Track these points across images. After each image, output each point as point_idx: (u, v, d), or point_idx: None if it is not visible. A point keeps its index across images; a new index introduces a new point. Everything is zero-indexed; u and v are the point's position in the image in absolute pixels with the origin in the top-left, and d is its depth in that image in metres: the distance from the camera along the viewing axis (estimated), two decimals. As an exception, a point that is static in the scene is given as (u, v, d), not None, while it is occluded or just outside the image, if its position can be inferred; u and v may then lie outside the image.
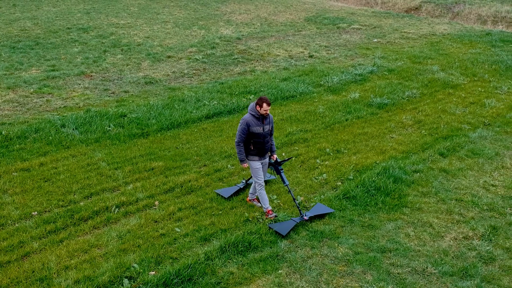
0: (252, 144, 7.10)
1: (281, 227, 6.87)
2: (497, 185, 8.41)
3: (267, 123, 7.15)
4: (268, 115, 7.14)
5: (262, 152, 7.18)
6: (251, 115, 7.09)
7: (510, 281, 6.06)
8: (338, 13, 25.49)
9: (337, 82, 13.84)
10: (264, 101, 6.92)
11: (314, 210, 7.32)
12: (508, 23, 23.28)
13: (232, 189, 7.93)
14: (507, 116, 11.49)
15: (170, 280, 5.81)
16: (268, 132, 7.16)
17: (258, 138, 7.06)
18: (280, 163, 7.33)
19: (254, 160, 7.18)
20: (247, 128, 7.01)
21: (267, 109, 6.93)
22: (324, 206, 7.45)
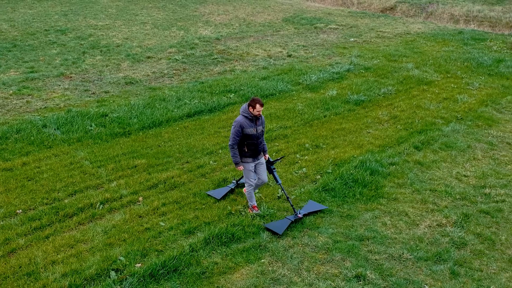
0: (246, 145, 7.05)
1: (276, 226, 6.94)
2: (469, 175, 8.78)
3: (259, 123, 7.10)
4: (261, 116, 7.10)
5: (256, 153, 7.16)
6: (243, 116, 6.99)
7: (480, 264, 6.39)
8: (315, 13, 25.87)
9: (315, 80, 14.14)
10: (257, 102, 6.87)
11: (307, 207, 7.40)
12: (479, 22, 23.96)
13: (223, 190, 7.91)
14: (479, 111, 11.92)
15: (156, 271, 5.98)
16: (261, 133, 7.14)
17: (251, 139, 7.01)
18: (272, 163, 7.35)
19: (248, 162, 7.15)
20: (240, 130, 6.93)
21: (260, 110, 6.89)
22: (316, 203, 7.53)
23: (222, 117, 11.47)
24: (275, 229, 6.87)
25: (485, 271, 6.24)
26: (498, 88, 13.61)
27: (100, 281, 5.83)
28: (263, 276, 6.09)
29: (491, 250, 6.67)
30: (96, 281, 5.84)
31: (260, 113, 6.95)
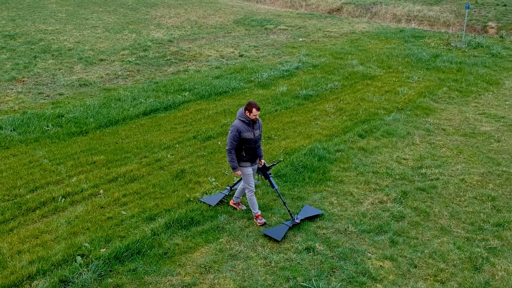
0: (244, 150, 6.94)
1: (275, 232, 6.90)
2: (407, 158, 9.59)
3: (256, 127, 7.02)
4: (257, 120, 7.01)
5: (254, 158, 7.06)
6: (240, 121, 6.89)
7: (416, 233, 7.12)
8: (265, 15, 26.60)
9: (266, 78, 14.76)
10: (253, 106, 6.76)
11: (303, 212, 7.37)
12: (419, 21, 25.37)
13: (217, 197, 7.79)
14: (417, 101, 12.87)
15: (121, 254, 6.36)
16: (258, 137, 7.04)
17: (249, 144, 6.92)
18: (268, 168, 7.24)
19: (246, 167, 7.04)
20: (238, 134, 6.83)
21: (257, 114, 6.80)
22: (312, 208, 7.53)
23: (177, 114, 11.87)
24: (274, 236, 6.81)
25: (420, 238, 6.98)
26: (435, 81, 14.67)
27: (67, 266, 6.15)
28: (221, 253, 6.58)
29: (425, 221, 7.43)
30: (63, 266, 6.16)
31: (256, 117, 6.85)
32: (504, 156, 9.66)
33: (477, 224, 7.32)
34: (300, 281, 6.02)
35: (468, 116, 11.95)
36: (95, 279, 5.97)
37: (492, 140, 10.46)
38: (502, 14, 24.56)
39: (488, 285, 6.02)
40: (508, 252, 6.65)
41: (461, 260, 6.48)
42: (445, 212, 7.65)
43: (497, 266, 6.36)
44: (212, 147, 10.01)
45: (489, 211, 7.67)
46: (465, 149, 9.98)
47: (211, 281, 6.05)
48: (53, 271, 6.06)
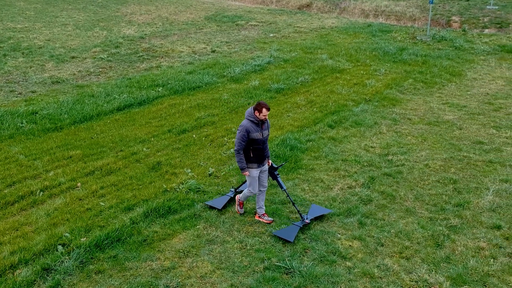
0: (252, 151, 6.86)
1: (286, 233, 6.86)
2: (375, 146, 10.03)
3: (265, 128, 6.94)
4: (266, 120, 6.92)
5: (262, 159, 6.99)
6: (249, 121, 6.79)
7: (383, 214, 7.54)
8: (236, 11, 26.84)
9: (239, 72, 15.04)
10: (263, 106, 6.68)
11: (312, 212, 7.33)
12: (386, 16, 26.02)
13: (223, 199, 7.71)
14: (384, 93, 13.37)
15: (101, 242, 6.57)
16: (266, 137, 6.98)
17: (257, 144, 6.83)
18: (276, 168, 7.23)
19: (253, 168, 6.97)
20: (247, 135, 6.73)
21: (266, 114, 6.73)
22: (320, 207, 7.53)
23: (152, 109, 12.06)
24: (286, 237, 6.77)
25: (386, 219, 7.40)
26: (401, 73, 15.22)
27: (49, 255, 6.33)
28: (199, 239, 6.86)
29: (392, 203, 7.86)
30: (45, 255, 6.33)
31: (266, 117, 6.78)
32: (465, 143, 10.20)
33: (440, 205, 7.79)
34: (274, 261, 6.36)
35: (432, 106, 12.50)
36: (77, 266, 6.17)
37: (454, 128, 11.01)
38: (465, 9, 25.42)
39: (448, 259, 6.47)
40: (467, 230, 7.13)
41: (424, 238, 6.93)
42: (410, 195, 8.11)
43: (457, 242, 6.82)
44: (187, 140, 10.25)
45: (450, 193, 8.16)
46: (429, 137, 10.49)
47: (189, 265, 6.33)
48: (35, 260, 6.23)
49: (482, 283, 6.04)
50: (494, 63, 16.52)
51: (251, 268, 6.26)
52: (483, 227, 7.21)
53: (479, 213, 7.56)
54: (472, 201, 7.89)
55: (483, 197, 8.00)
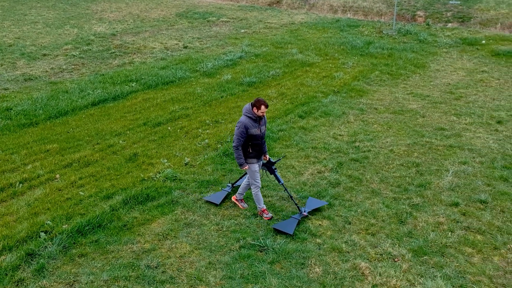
0: (251, 146, 7.00)
1: (286, 226, 6.98)
2: (343, 134, 10.52)
3: (262, 123, 7.08)
4: (263, 116, 7.05)
5: (260, 154, 7.14)
6: (247, 117, 6.92)
7: (351, 196, 8.01)
8: (207, 8, 27.09)
9: (211, 67, 15.36)
10: (262, 103, 6.82)
11: (309, 204, 7.48)
12: (354, 11, 26.69)
13: (221, 194, 7.83)
14: (352, 85, 13.90)
15: (83, 228, 6.84)
16: (264, 133, 7.14)
17: (256, 140, 6.98)
18: (273, 163, 7.37)
19: (253, 163, 7.11)
20: (245, 131, 6.87)
21: (265, 110, 6.87)
22: (316, 200, 7.68)
23: (126, 104, 12.28)
24: (285, 230, 6.89)
25: (353, 200, 7.88)
26: (368, 66, 15.80)
27: (32, 241, 6.56)
28: (177, 223, 7.20)
29: (358, 186, 8.35)
30: (28, 242, 6.56)
31: (264, 113, 6.93)
32: (428, 129, 10.79)
33: (403, 186, 8.31)
34: (249, 241, 6.75)
35: (398, 96, 13.09)
36: (60, 250, 6.43)
37: (418, 116, 11.60)
38: (429, 4, 26.30)
39: (410, 234, 6.98)
40: (428, 207, 7.66)
41: (389, 216, 7.43)
42: (376, 178, 8.61)
43: (419, 219, 7.35)
44: (163, 132, 10.53)
45: (413, 175, 8.70)
46: (394, 125, 11.05)
47: (169, 246, 6.66)
48: (18, 247, 6.45)
49: (440, 253, 6.57)
50: (456, 55, 17.28)
51: (227, 247, 6.64)
52: (442, 204, 7.76)
53: (439, 192, 8.11)
54: (433, 181, 8.44)
55: (443, 178, 8.56)
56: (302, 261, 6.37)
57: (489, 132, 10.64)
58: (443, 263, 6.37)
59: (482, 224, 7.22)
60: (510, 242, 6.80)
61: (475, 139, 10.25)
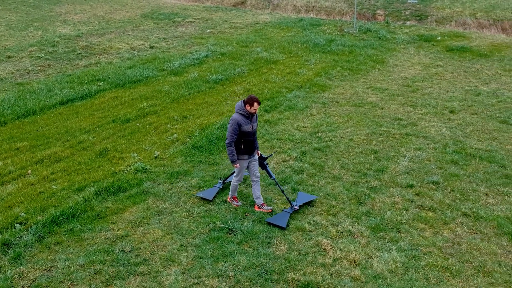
0: (243, 143, 7.12)
1: (278, 220, 7.14)
2: (306, 126, 11.02)
3: (254, 120, 7.20)
4: (255, 113, 7.19)
5: (252, 150, 7.27)
6: (240, 114, 7.04)
7: (314, 181, 8.50)
8: (172, 9, 27.30)
9: (178, 66, 15.66)
10: (254, 100, 6.93)
11: (300, 199, 7.65)
12: (317, 11, 27.41)
13: (213, 191, 7.95)
14: (314, 80, 14.46)
15: (57, 218, 7.08)
16: (255, 129, 7.26)
17: (248, 136, 7.10)
18: (265, 159, 7.54)
19: (244, 159, 7.25)
20: (238, 128, 6.98)
21: (257, 107, 7.00)
22: (306, 194, 7.87)
23: (94, 102, 12.47)
24: (279, 223, 7.05)
25: (316, 185, 8.36)
26: (330, 62, 16.41)
27: (8, 232, 6.77)
28: (149, 211, 7.52)
29: (321, 172, 8.85)
30: (4, 233, 6.77)
31: (256, 110, 7.05)
32: (386, 120, 11.42)
33: (362, 171, 8.86)
34: (218, 224, 7.14)
35: (358, 90, 13.72)
36: (36, 240, 6.67)
37: (376, 108, 12.23)
38: (388, 3, 27.26)
39: (369, 214, 7.51)
40: (385, 189, 8.22)
41: (349, 198, 7.94)
42: (337, 164, 9.14)
43: (376, 200, 7.89)
44: (132, 128, 10.80)
45: (372, 161, 9.26)
46: (354, 116, 11.63)
47: (141, 232, 6.98)
48: (-6, 238, 6.66)
49: (396, 229, 7.12)
50: (413, 51, 18.11)
51: (198, 231, 7.01)
52: (398, 186, 8.33)
53: (396, 176, 8.69)
54: (390, 166, 9.03)
55: (400, 163, 9.16)
56: (268, 240, 6.81)
57: (443, 121, 11.34)
58: (398, 238, 6.91)
59: (434, 202, 7.82)
60: (458, 217, 7.42)
61: (430, 127, 10.92)
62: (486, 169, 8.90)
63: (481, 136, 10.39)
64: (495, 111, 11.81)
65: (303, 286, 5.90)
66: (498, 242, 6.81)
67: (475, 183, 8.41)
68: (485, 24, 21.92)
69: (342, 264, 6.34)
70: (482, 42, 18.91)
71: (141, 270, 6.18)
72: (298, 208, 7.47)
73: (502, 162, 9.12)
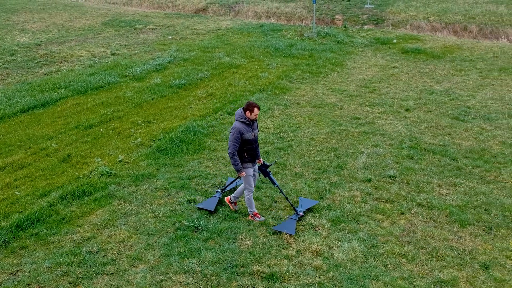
0: (246, 151, 7.00)
1: (286, 227, 7.10)
2: (269, 127, 11.30)
3: (255, 127, 7.09)
4: (256, 120, 7.08)
5: (255, 158, 7.16)
6: (241, 122, 6.91)
7: (277, 179, 8.74)
8: (133, 16, 27.23)
9: (141, 72, 15.71)
10: (254, 106, 6.83)
11: (303, 205, 7.63)
12: (277, 16, 27.90)
13: (213, 201, 7.79)
14: (276, 83, 14.79)
15: (22, 223, 7.08)
16: (257, 136, 7.16)
17: (250, 144, 6.99)
18: (267, 166, 7.41)
19: (248, 167, 7.14)
20: (240, 136, 6.85)
21: (257, 113, 6.90)
22: (307, 200, 7.86)
23: (56, 109, 12.40)
24: (288, 231, 7.02)
25: (279, 182, 8.59)
26: (291, 66, 16.80)
27: (-29, 238, 6.73)
28: (114, 213, 7.60)
29: (283, 170, 9.13)
30: (-33, 239, 6.73)
31: (257, 116, 6.93)
32: (345, 119, 11.83)
33: (323, 168, 9.19)
34: (184, 223, 7.30)
35: (318, 91, 14.12)
36: (0, 245, 6.65)
37: (336, 108, 12.64)
38: (347, 8, 28.03)
39: (329, 207, 7.82)
40: (344, 184, 8.57)
41: (310, 193, 8.24)
42: (299, 162, 9.44)
43: (336, 194, 8.22)
44: (95, 134, 10.81)
45: (332, 158, 9.61)
46: (315, 117, 12.00)
47: (108, 234, 7.06)
48: (-43, 245, 6.61)
49: (355, 221, 7.45)
50: (370, 53, 18.73)
51: (164, 230, 7.15)
52: (357, 181, 8.69)
53: (354, 171, 9.06)
54: (349, 163, 9.40)
55: (358, 159, 9.54)
56: (233, 236, 7.01)
57: (399, 119, 11.84)
58: (357, 229, 7.24)
59: (390, 195, 8.21)
60: (413, 207, 7.82)
61: (386, 125, 11.39)
62: (439, 162, 9.38)
63: (435, 132, 10.92)
64: (448, 109, 12.41)
65: (268, 277, 6.13)
66: (450, 229, 7.23)
67: (429, 175, 8.86)
68: (438, 27, 22.87)
69: (304, 255, 6.61)
70: (435, 44, 19.75)
71: (108, 269, 6.27)
72: (303, 214, 7.44)
73: (454, 156, 9.63)
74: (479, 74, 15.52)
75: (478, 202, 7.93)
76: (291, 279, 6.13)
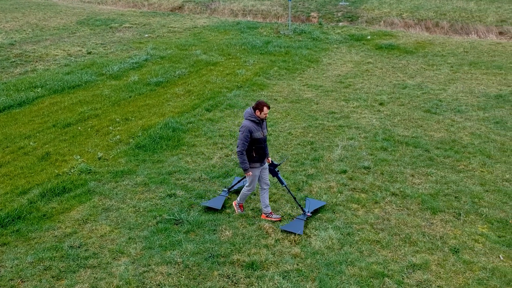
0: (254, 150, 6.93)
1: (294, 227, 7.09)
2: (247, 123, 11.48)
3: (264, 127, 7.05)
4: (265, 119, 7.04)
5: (263, 157, 7.09)
6: (250, 121, 6.85)
7: (255, 173, 8.94)
8: (109, 15, 27.07)
9: (117, 70, 15.70)
10: (264, 105, 6.80)
11: (311, 205, 7.61)
12: (254, 14, 28.08)
13: (220, 199, 7.78)
14: (253, 80, 14.98)
15: (2, 220, 7.11)
16: (266, 136, 7.12)
17: (259, 143, 6.93)
18: (276, 165, 7.41)
19: (256, 167, 7.09)
20: (249, 135, 6.79)
21: (267, 112, 6.87)
22: (315, 200, 7.83)
23: (33, 109, 12.34)
24: (296, 231, 7.01)
25: (258, 176, 8.81)
26: (268, 63, 17.01)
27: (-50, 236, 6.74)
28: (95, 209, 7.68)
29: (262, 164, 9.31)
30: None
31: (267, 115, 6.90)
32: (321, 114, 12.09)
33: (300, 161, 9.42)
34: (165, 216, 7.42)
35: (295, 87, 14.36)
36: (-19, 242, 6.68)
37: (312, 103, 12.90)
38: (322, 6, 28.37)
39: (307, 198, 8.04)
40: (321, 176, 8.81)
41: (288, 185, 8.44)
42: (277, 156, 9.65)
43: (313, 185, 8.45)
44: (73, 132, 10.83)
45: (308, 152, 9.85)
46: (292, 112, 12.23)
47: (89, 229, 7.15)
48: None
49: (331, 211, 7.69)
50: (345, 50, 19.08)
51: (145, 224, 7.27)
52: (333, 173, 8.94)
53: (330, 163, 9.31)
54: (325, 155, 9.65)
55: (334, 152, 9.80)
56: (214, 227, 7.17)
57: (373, 112, 12.15)
58: (333, 218, 7.48)
59: (365, 185, 8.48)
60: (387, 196, 8.10)
61: (361, 119, 11.69)
62: (412, 153, 9.71)
63: (408, 124, 11.26)
64: (420, 102, 12.78)
65: (248, 266, 6.31)
66: (422, 216, 7.53)
67: (402, 166, 9.17)
68: (411, 24, 23.38)
69: (283, 244, 6.82)
70: (408, 40, 20.21)
71: (91, 263, 6.37)
72: (311, 214, 7.44)
73: (426, 147, 9.97)
74: (450, 69, 15.99)
75: (449, 190, 8.26)
76: (271, 266, 6.33)
